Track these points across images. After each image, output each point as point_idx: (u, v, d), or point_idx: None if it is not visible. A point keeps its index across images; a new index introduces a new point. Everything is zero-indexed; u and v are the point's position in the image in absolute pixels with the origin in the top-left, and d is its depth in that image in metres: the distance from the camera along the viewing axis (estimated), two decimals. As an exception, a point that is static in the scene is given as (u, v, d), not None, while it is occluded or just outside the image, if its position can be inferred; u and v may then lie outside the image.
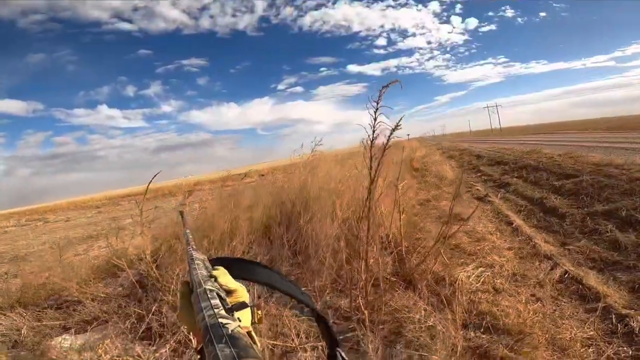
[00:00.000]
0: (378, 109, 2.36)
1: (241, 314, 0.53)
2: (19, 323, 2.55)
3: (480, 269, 2.92)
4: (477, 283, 2.64)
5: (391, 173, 4.36)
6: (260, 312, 0.57)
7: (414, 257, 3.12)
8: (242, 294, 0.56)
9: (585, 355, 1.78)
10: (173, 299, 2.36)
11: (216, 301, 0.42)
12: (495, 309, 2.17)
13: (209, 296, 0.44)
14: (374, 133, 2.55)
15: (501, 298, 2.35)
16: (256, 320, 0.57)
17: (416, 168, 10.12)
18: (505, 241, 3.75)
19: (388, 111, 2.42)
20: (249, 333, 0.49)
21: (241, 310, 0.53)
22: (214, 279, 0.53)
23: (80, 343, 2.22)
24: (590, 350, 1.83)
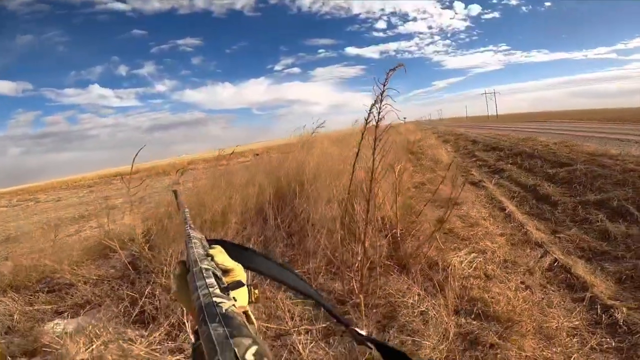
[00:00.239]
0: (384, 92, 2.34)
1: (237, 293, 0.52)
2: (11, 308, 2.53)
3: (472, 255, 2.97)
4: (470, 269, 2.68)
5: (388, 156, 4.35)
6: (257, 292, 0.57)
7: (409, 241, 3.15)
8: (239, 273, 0.56)
9: (569, 344, 1.83)
10: (166, 281, 2.34)
11: (211, 280, 0.41)
12: (486, 296, 2.22)
13: (205, 275, 0.43)
14: (379, 115, 2.54)
15: (492, 284, 2.40)
16: (253, 299, 0.56)
17: (412, 151, 10.12)
18: (497, 227, 3.80)
19: (387, 94, 2.40)
20: (246, 313, 0.50)
21: (237, 289, 0.52)
22: (211, 258, 0.52)
23: (72, 327, 2.20)
24: (574, 340, 1.88)
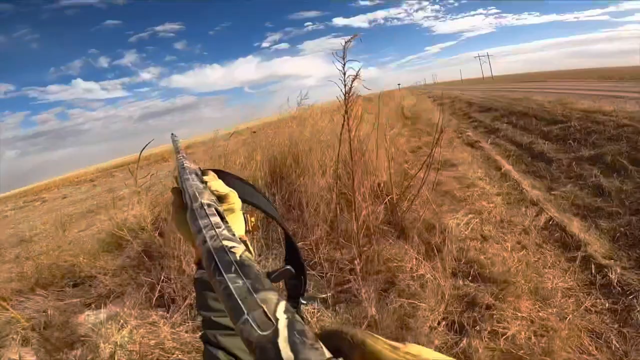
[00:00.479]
0: (345, 64, 2.39)
1: (232, 221, 0.51)
2: (43, 304, 2.60)
3: (469, 216, 2.99)
4: (466, 230, 2.71)
5: (381, 121, 4.28)
6: (253, 219, 0.55)
7: (405, 206, 3.17)
8: (234, 199, 0.54)
9: (565, 305, 1.86)
10: (178, 264, 2.40)
11: (216, 218, 0.37)
12: (482, 257, 2.25)
13: (207, 212, 0.39)
14: (346, 87, 2.60)
15: (488, 246, 2.42)
16: (250, 227, 0.55)
17: (407, 116, 9.99)
18: (494, 187, 3.81)
19: (375, 63, 2.43)
20: (245, 242, 0.47)
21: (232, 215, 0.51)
22: (205, 184, 0.50)
23: (102, 317, 2.29)
24: (570, 300, 1.91)
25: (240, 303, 0.24)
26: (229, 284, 0.25)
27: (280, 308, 0.23)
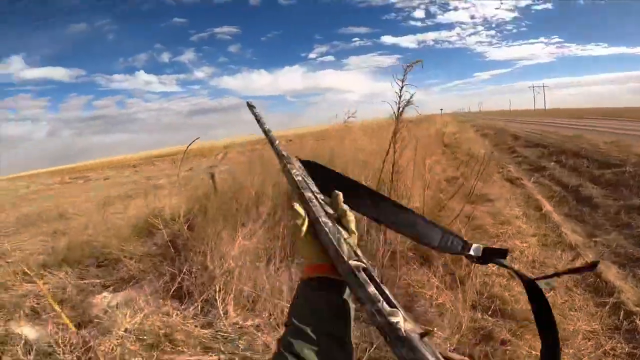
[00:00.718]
0: (403, 87, 2.38)
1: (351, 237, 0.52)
2: (65, 281, 2.69)
3: (499, 253, 2.93)
4: (494, 266, 2.66)
5: (420, 147, 4.30)
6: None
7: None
8: (351, 218, 0.54)
9: (583, 347, 1.81)
10: (202, 259, 2.45)
11: (372, 289, 0.41)
12: (506, 294, 2.22)
13: (361, 278, 0.42)
14: (399, 109, 2.60)
15: (515, 283, 2.38)
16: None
17: (447, 144, 9.86)
18: (530, 227, 3.70)
19: (420, 84, 2.46)
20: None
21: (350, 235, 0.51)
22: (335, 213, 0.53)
23: (118, 301, 2.36)
24: (589, 343, 1.86)
25: None
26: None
27: None
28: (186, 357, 1.77)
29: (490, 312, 2.09)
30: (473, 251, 0.52)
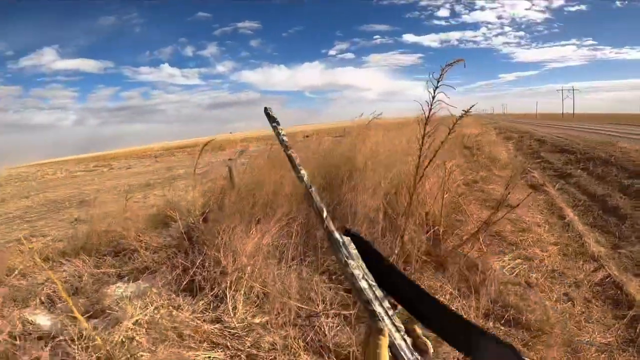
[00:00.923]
0: (438, 87, 2.29)
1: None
2: (81, 269, 2.73)
3: (517, 261, 2.86)
4: (511, 274, 2.60)
5: (441, 151, 4.19)
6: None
7: (451, 240, 3.11)
8: (427, 343, 0.51)
9: None
10: (216, 254, 2.45)
11: None
12: (522, 303, 2.16)
13: None
14: (431, 111, 2.49)
15: (531, 293, 2.32)
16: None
17: (467, 146, 9.64)
18: (552, 235, 3.58)
19: (441, 84, 2.35)
20: None
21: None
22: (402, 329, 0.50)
23: (131, 291, 2.37)
24: (602, 356, 1.81)
25: None
26: None
27: None
28: (193, 352, 1.78)
29: (503, 321, 2.05)
30: None
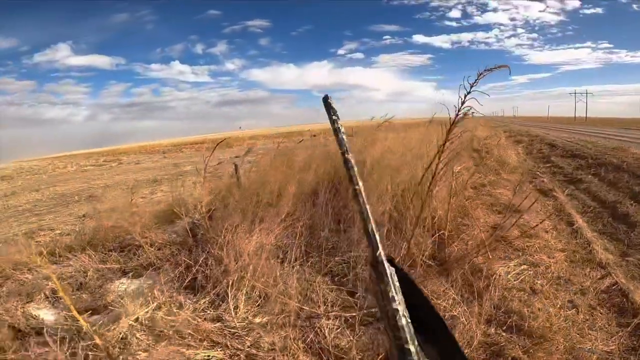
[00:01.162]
0: (471, 92, 2.22)
1: None
2: (87, 265, 2.72)
3: (522, 267, 2.83)
4: (515, 280, 2.57)
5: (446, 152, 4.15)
6: None
7: (456, 244, 3.08)
8: None
9: None
10: (219, 252, 2.44)
11: None
12: (525, 310, 2.14)
13: None
14: (457, 117, 2.42)
15: (536, 299, 2.29)
16: None
17: (476, 149, 9.55)
18: (559, 241, 3.53)
19: (451, 85, 2.31)
20: None
21: None
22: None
23: (134, 288, 2.37)
24: None
25: None
26: None
27: None
28: (193, 351, 1.79)
29: (505, 328, 2.03)
30: None
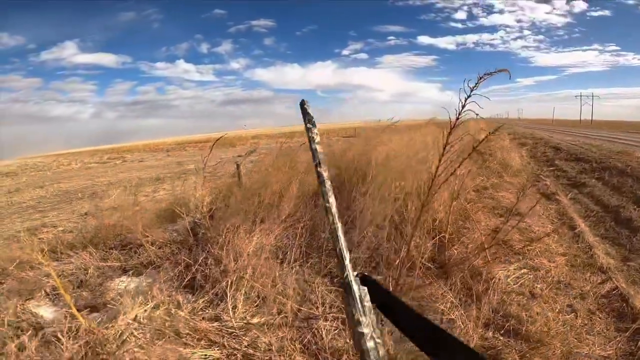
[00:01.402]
0: (471, 95, 2.19)
1: None
2: (88, 262, 2.73)
3: (522, 270, 2.83)
4: (515, 284, 2.57)
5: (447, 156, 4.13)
6: None
7: (456, 247, 3.08)
8: None
9: None
10: (219, 252, 2.45)
11: None
12: (523, 314, 2.14)
13: None
14: (457, 120, 2.40)
15: (535, 303, 2.29)
16: None
17: (479, 151, 9.51)
18: (560, 246, 3.52)
19: (454, 86, 2.30)
20: None
21: None
22: None
23: (134, 286, 2.37)
24: None
25: None
26: None
27: None
28: (190, 350, 1.80)
29: (502, 332, 2.03)
30: None
